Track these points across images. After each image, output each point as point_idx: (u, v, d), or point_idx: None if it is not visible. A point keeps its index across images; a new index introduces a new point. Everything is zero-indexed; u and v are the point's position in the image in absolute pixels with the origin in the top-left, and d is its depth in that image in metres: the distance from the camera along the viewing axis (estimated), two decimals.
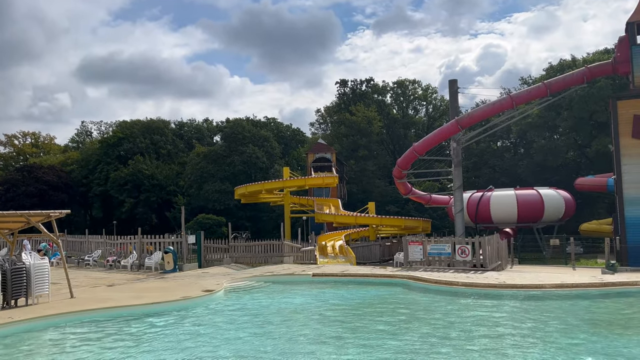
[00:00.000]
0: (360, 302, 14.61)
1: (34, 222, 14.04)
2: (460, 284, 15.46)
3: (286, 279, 18.57)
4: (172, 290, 15.53)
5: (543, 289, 14.53)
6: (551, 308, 12.90)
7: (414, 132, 67.84)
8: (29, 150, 75.94)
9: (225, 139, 65.13)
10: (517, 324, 11.00)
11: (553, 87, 27.84)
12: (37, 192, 56.10)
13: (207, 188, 58.29)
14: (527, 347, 8.99)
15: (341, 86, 72.04)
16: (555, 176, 45.66)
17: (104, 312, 12.21)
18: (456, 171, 30.26)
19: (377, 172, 59.76)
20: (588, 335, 9.82)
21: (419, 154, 31.41)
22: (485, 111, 30.28)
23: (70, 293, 14.21)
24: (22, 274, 12.93)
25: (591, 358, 8.22)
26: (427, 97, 72.06)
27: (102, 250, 28.16)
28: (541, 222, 36.60)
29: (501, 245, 22.95)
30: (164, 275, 21.43)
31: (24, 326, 10.86)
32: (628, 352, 8.57)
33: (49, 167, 61.93)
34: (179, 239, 25.16)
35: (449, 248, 20.34)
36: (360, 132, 59.91)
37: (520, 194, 36.37)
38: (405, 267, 20.61)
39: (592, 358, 8.21)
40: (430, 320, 11.66)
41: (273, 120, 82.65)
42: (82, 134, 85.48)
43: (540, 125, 48.83)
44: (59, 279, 16.49)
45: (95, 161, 65.70)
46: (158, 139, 68.98)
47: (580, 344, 9.11)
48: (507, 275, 17.48)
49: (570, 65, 46.01)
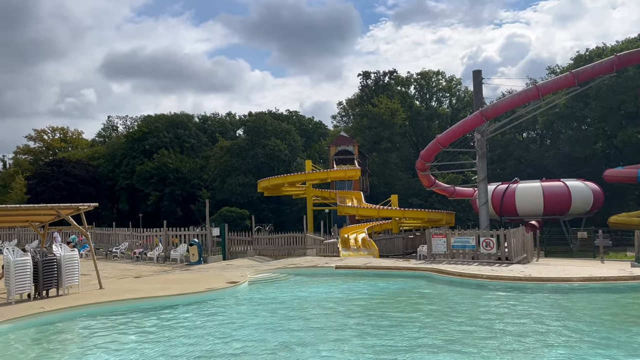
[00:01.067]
0: (384, 295, 14.61)
1: (64, 215, 14.40)
2: (485, 277, 15.30)
3: (309, 271, 18.66)
4: (198, 281, 15.76)
5: (570, 282, 14.27)
6: (579, 302, 12.68)
7: (437, 124, 67.18)
8: (58, 145, 77.70)
9: (248, 132, 65.58)
10: (543, 317, 10.86)
11: (581, 77, 27.19)
12: (66, 185, 57.46)
13: (231, 181, 58.86)
14: (553, 341, 8.88)
15: (364, 78, 71.68)
16: (583, 167, 44.73)
17: (132, 303, 12.48)
18: (480, 163, 29.88)
19: (400, 164, 59.40)
20: (617, 330, 9.63)
21: (442, 145, 31.10)
22: (511, 102, 29.77)
23: (99, 284, 14.56)
24: (53, 265, 13.30)
25: (620, 353, 8.06)
26: (451, 88, 71.21)
27: (129, 242, 28.71)
28: (568, 214, 35.95)
29: (527, 238, 22.60)
30: (189, 267, 21.77)
31: (56, 316, 11.17)
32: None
33: (77, 162, 63.33)
34: (204, 232, 25.49)
35: (473, 241, 20.13)
36: (383, 124, 59.54)
37: (547, 185, 35.75)
38: (429, 260, 20.48)
39: (622, 353, 8.06)
40: (454, 312, 11.59)
41: (295, 114, 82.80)
42: (109, 129, 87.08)
43: (568, 115, 47.78)
44: (88, 271, 16.90)
45: (121, 155, 66.91)
46: (182, 133, 69.84)
47: (608, 339, 8.94)
48: (533, 268, 17.22)
49: (599, 54, 44.83)
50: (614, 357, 7.81)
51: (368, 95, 69.08)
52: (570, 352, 8.09)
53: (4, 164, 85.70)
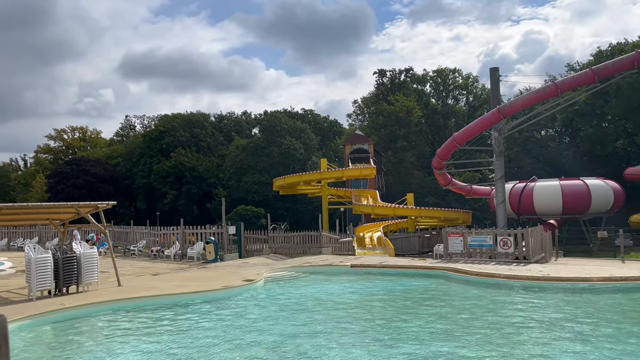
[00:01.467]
0: (400, 294, 14.55)
1: (84, 213, 14.61)
2: (503, 276, 15.15)
3: (324, 269, 18.68)
4: (214, 279, 15.88)
5: (590, 282, 14.05)
6: (598, 302, 12.49)
7: (453, 122, 66.63)
8: (77, 144, 78.87)
9: (264, 131, 65.80)
10: (561, 317, 10.71)
11: (601, 73, 26.66)
12: (85, 184, 58.31)
13: (246, 180, 59.14)
14: (573, 341, 8.75)
15: (380, 76, 71.41)
16: (604, 166, 43.97)
17: (150, 300, 12.62)
18: (498, 161, 29.54)
19: (416, 163, 59.05)
20: (637, 330, 9.46)
21: (459, 144, 30.82)
22: (529, 99, 29.33)
23: (117, 281, 14.76)
24: (73, 262, 13.51)
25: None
26: (467, 86, 70.56)
27: (147, 240, 29.05)
28: (588, 213, 35.36)
29: (545, 237, 22.30)
30: (206, 265, 21.95)
31: (75, 312, 11.36)
32: None
33: (95, 160, 64.23)
34: (220, 230, 25.67)
35: (490, 240, 19.93)
36: (399, 123, 59.23)
37: (566, 184, 35.21)
38: (445, 259, 20.34)
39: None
40: (471, 312, 11.50)
41: (310, 112, 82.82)
42: (126, 128, 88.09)
43: (588, 113, 46.98)
44: (106, 268, 17.14)
45: (138, 154, 67.66)
46: (198, 132, 70.35)
47: (630, 340, 8.79)
48: (551, 268, 17.00)
49: (620, 50, 44.00)
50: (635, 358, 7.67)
51: (384, 94, 68.81)
52: (588, 352, 7.96)
53: (25, 163, 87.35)
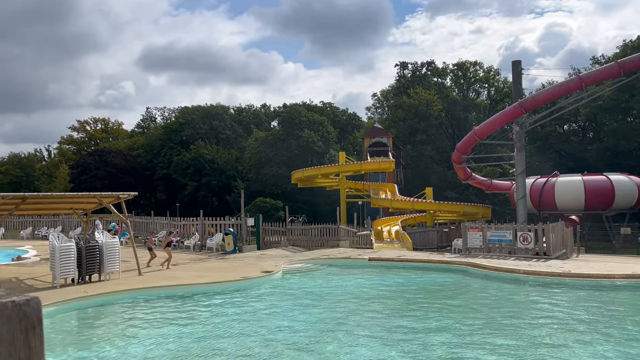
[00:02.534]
0: (418, 287, 14.51)
1: (106, 203, 14.88)
2: (522, 272, 15.00)
3: (342, 262, 18.72)
4: (233, 270, 16.04)
5: (612, 279, 13.83)
6: (621, 299, 12.29)
7: (474, 116, 65.81)
8: (99, 135, 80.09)
9: (282, 123, 65.95)
10: (582, 314, 10.57)
11: (627, 67, 26.04)
12: (107, 175, 59.24)
13: (265, 172, 59.43)
14: (593, 339, 8.64)
15: (401, 68, 70.85)
16: (628, 161, 43.02)
17: (170, 290, 12.83)
18: (519, 156, 29.15)
19: (436, 156, 58.57)
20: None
21: (479, 138, 30.48)
22: (551, 93, 28.83)
23: (138, 270, 15.02)
24: (96, 251, 13.79)
25: None
26: (488, 79, 69.55)
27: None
28: (611, 209, 34.69)
29: (566, 233, 21.99)
30: (225, 256, 22.17)
31: (98, 300, 11.60)
32: None
33: (117, 152, 65.17)
34: (239, 222, 25.88)
35: (510, 235, 19.73)
36: (418, 116, 58.76)
37: (588, 179, 34.58)
38: (464, 254, 20.21)
39: None
40: (491, 307, 11.42)
41: (329, 105, 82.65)
42: (147, 120, 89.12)
43: (612, 107, 45.99)
44: (127, 257, 17.44)
45: (159, 146, 68.45)
46: (217, 125, 70.82)
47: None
48: (572, 264, 16.77)
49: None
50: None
51: (405, 86, 68.28)
52: (607, 350, 7.86)
53: (49, 153, 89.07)
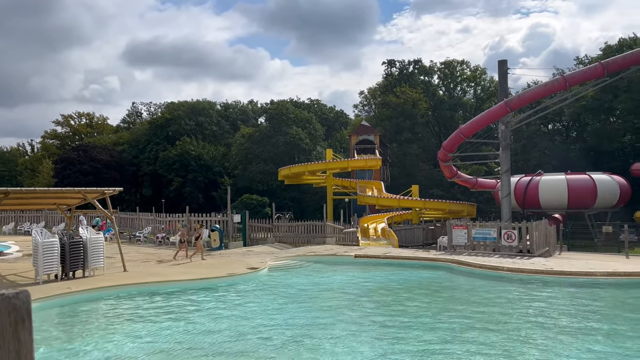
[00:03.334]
0: (403, 284, 14.62)
1: (90, 199, 14.74)
2: (506, 269, 15.19)
3: (329, 259, 18.77)
4: (219, 267, 16.00)
5: (593, 276, 14.06)
6: (601, 297, 12.51)
7: (461, 114, 66.30)
8: (84, 130, 79.15)
9: (270, 120, 65.80)
10: (563, 311, 10.75)
11: (610, 67, 26.42)
12: (92, 170, 58.59)
13: (252, 169, 59.28)
14: (573, 336, 8.79)
15: (389, 66, 71.05)
16: (611, 161, 43.67)
17: (155, 286, 12.76)
18: (504, 154, 29.44)
19: (422, 154, 58.90)
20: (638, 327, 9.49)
21: (465, 136, 30.73)
22: (536, 93, 29.15)
23: (123, 267, 14.90)
24: (80, 247, 13.65)
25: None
26: (475, 78, 70.09)
27: (152, 227, 29.24)
28: (593, 208, 35.22)
29: (549, 231, 22.30)
30: (211, 252, 22.08)
31: (82, 296, 11.50)
32: None
33: (102, 147, 64.48)
34: (225, 218, 25.79)
35: (494, 233, 19.95)
36: (404, 115, 59.02)
37: (572, 178, 35.06)
38: (449, 251, 20.39)
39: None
40: (474, 304, 11.55)
41: (316, 102, 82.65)
42: (133, 115, 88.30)
43: (595, 107, 46.62)
44: (112, 254, 17.29)
45: (144, 141, 67.87)
46: (203, 120, 70.43)
47: (630, 335, 8.82)
48: (555, 262, 17.01)
49: (630, 44, 43.56)
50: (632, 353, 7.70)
51: (392, 84, 68.49)
52: (588, 347, 8.01)
53: (32, 148, 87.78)
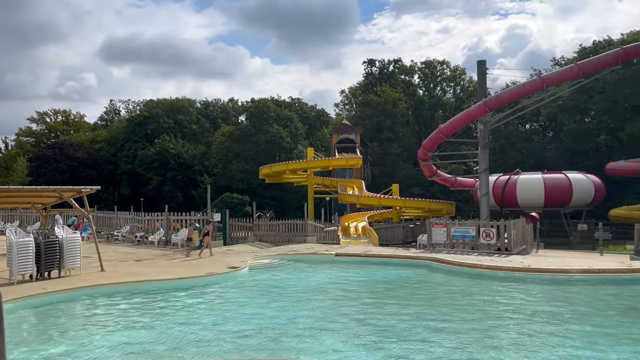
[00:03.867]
0: (383, 282, 14.70)
1: (67, 197, 14.45)
2: (484, 267, 15.39)
3: (309, 258, 18.77)
4: (198, 266, 15.87)
5: (569, 273, 14.35)
6: (576, 293, 12.77)
7: (440, 114, 66.96)
8: (60, 127, 77.61)
9: (250, 118, 65.47)
10: (540, 308, 10.94)
11: (586, 69, 26.95)
12: (68, 168, 57.53)
13: (232, 167, 58.93)
14: (548, 331, 8.95)
15: (369, 65, 71.32)
16: (586, 160, 44.62)
17: (133, 286, 12.58)
18: (482, 153, 29.81)
19: (402, 153, 59.31)
20: (613, 322, 9.70)
21: (445, 135, 31.03)
22: (514, 93, 29.58)
23: (100, 266, 14.66)
24: (55, 246, 13.38)
25: (616, 345, 8.13)
26: (455, 78, 70.81)
27: (130, 226, 28.84)
28: (569, 206, 35.95)
29: (527, 229, 22.66)
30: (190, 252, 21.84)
31: (57, 297, 11.28)
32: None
33: (79, 145, 63.34)
34: (205, 217, 25.57)
35: (473, 231, 20.19)
36: (385, 114, 59.35)
37: (548, 177, 35.70)
38: (429, 249, 20.57)
39: (617, 345, 8.12)
40: (452, 301, 11.68)
41: (297, 101, 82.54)
42: (111, 112, 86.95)
43: (571, 108, 47.57)
44: (89, 253, 17.00)
45: (123, 139, 66.90)
46: (182, 119, 69.73)
47: (604, 330, 9.01)
48: (532, 259, 17.30)
49: (604, 46, 44.50)
50: (607, 348, 7.87)
51: (372, 83, 68.77)
52: (563, 342, 8.16)
53: (6, 145, 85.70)
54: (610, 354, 7.55)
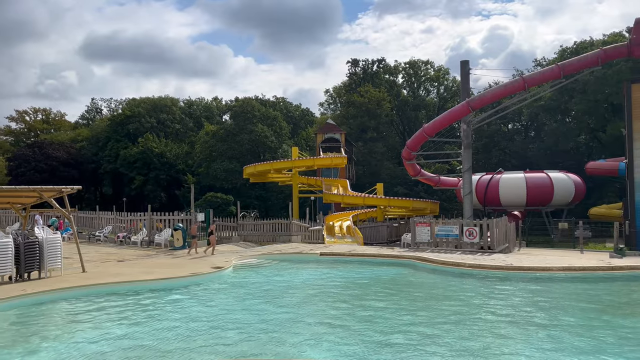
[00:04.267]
0: (367, 281, 14.73)
1: (47, 197, 14.21)
2: (467, 265, 15.52)
3: (294, 257, 18.74)
4: (182, 266, 15.73)
5: (550, 271, 14.55)
6: (557, 290, 12.95)
7: (424, 113, 67.33)
8: (40, 126, 76.34)
9: (235, 117, 65.09)
10: (522, 305, 11.07)
11: (567, 69, 27.36)
12: (48, 168, 56.63)
13: (216, 167, 58.54)
14: (530, 328, 9.06)
15: (352, 65, 71.41)
16: (566, 160, 45.25)
17: (116, 287, 12.43)
18: (466, 153, 30.05)
19: (387, 153, 59.57)
20: (593, 318, 9.86)
21: (428, 135, 31.22)
22: (497, 93, 29.89)
23: (82, 267, 14.45)
24: (35, 247, 13.15)
25: (595, 339, 8.26)
26: (439, 77, 71.28)
27: (113, 226, 28.49)
28: (550, 205, 36.43)
29: (509, 228, 22.92)
30: (174, 252, 21.69)
31: (37, 298, 11.09)
32: (633, 335, 8.62)
33: (59, 144, 62.38)
34: (188, 217, 25.36)
35: (456, 230, 20.36)
36: (369, 114, 59.54)
37: (530, 177, 36.14)
38: (413, 248, 20.69)
39: (596, 341, 8.26)
40: (436, 299, 11.76)
41: (282, 100, 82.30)
42: (92, 111, 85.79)
43: (553, 108, 48.25)
44: (70, 254, 16.75)
45: (105, 138, 66.07)
46: (165, 118, 69.09)
47: (584, 327, 9.16)
48: (514, 258, 17.51)
49: (586, 47, 45.21)
50: (586, 344, 8.00)
51: (356, 83, 68.89)
52: (545, 339, 8.26)
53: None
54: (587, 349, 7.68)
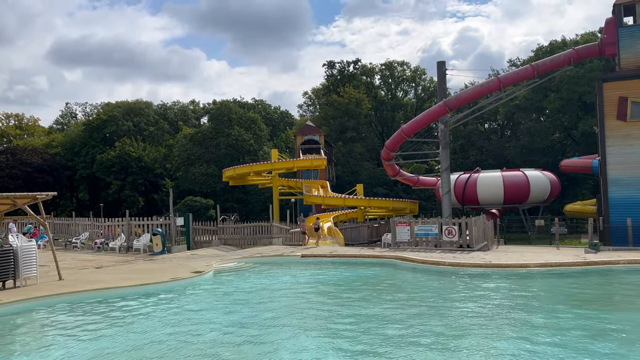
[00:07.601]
0: (349, 282, 14.77)
1: (20, 204, 13.90)
2: (447, 264, 15.69)
3: (275, 260, 18.69)
4: (161, 271, 15.54)
5: (528, 268, 14.80)
6: (535, 286, 13.18)
7: (402, 114, 67.83)
8: (13, 132, 74.54)
9: (212, 120, 64.61)
10: (500, 301, 11.24)
11: (540, 69, 27.95)
12: (22, 174, 55.33)
13: (194, 171, 58.01)
14: (508, 324, 9.20)
15: (329, 67, 71.60)
16: (542, 158, 46.11)
17: (93, 294, 12.21)
18: (444, 153, 30.40)
19: (366, 154, 59.85)
20: (569, 312, 10.06)
21: (407, 135, 31.50)
22: (473, 93, 30.35)
23: (58, 275, 14.17)
24: (9, 256, 12.85)
25: (572, 334, 8.43)
26: (415, 78, 71.91)
27: (90, 232, 28.03)
28: (527, 203, 37.06)
29: (487, 226, 23.25)
30: (153, 257, 21.44)
31: (13, 307, 10.83)
32: (608, 328, 8.82)
33: (33, 149, 60.99)
34: (167, 221, 25.10)
35: (436, 229, 20.56)
36: (348, 114, 59.76)
37: (507, 175, 36.69)
38: (393, 248, 20.82)
39: (573, 334, 8.43)
40: (416, 298, 11.85)
41: (261, 102, 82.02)
42: (67, 116, 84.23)
43: (527, 107, 49.12)
44: (46, 262, 16.43)
45: (80, 143, 64.87)
46: (139, 121, 68.21)
47: (561, 321, 9.34)
48: (493, 255, 17.76)
49: (560, 47, 46.16)
50: (562, 338, 8.16)
51: (334, 85, 69.09)
52: (522, 334, 8.40)
53: None
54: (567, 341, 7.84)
